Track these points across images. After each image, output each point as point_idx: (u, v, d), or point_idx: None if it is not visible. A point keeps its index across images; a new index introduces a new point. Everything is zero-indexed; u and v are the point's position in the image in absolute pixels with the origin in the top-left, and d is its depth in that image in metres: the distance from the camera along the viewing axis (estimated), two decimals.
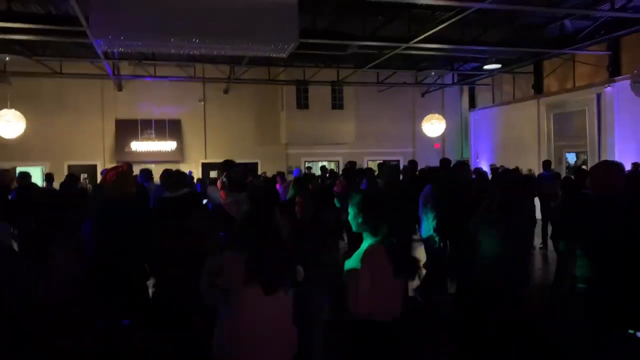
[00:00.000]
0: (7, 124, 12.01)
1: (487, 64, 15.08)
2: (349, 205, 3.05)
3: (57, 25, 9.73)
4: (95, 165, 15.64)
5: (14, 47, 12.04)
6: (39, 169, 14.75)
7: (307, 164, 17.24)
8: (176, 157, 16.25)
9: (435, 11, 10.19)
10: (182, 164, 15.73)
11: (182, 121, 16.71)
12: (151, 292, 4.35)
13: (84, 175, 14.72)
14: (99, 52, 10.88)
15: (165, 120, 16.28)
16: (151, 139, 16.08)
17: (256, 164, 16.93)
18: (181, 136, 16.61)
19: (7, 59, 12.32)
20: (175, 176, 6.66)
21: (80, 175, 12.79)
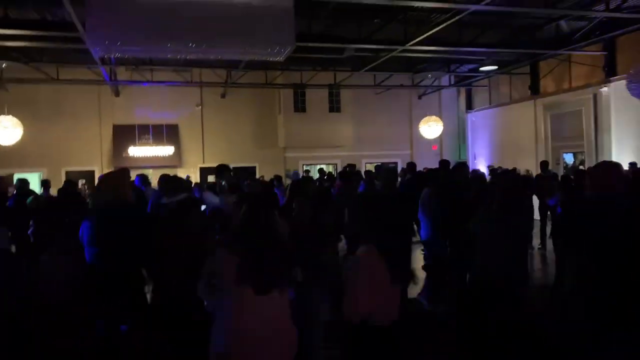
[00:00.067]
0: (4, 130, 11.97)
1: (483, 66, 15.14)
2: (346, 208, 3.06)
3: (53, 31, 9.73)
4: (93, 171, 15.61)
5: (10, 54, 12.03)
6: (37, 175, 14.71)
7: (305, 167, 17.25)
8: (174, 162, 16.24)
9: (431, 13, 10.23)
10: (179, 169, 15.73)
11: (180, 126, 16.71)
12: (149, 296, 4.35)
13: (82, 181, 14.72)
14: (96, 58, 10.88)
15: (162, 125, 16.29)
16: (149, 144, 16.07)
17: (254, 167, 16.94)
18: (179, 141, 16.60)
19: (3, 65, 12.30)
20: (172, 181, 6.67)
21: (78, 181, 12.79)
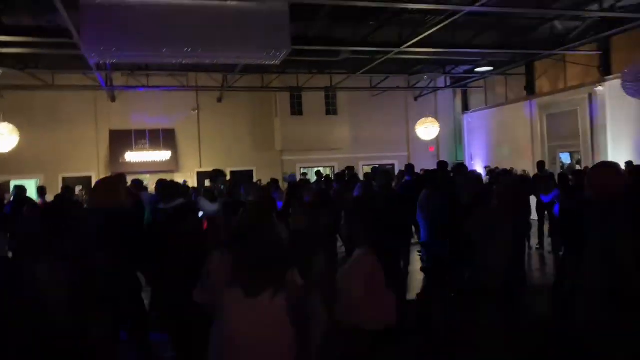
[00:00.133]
0: (1, 137, 11.95)
1: (479, 67, 15.18)
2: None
3: (48, 37, 9.72)
4: (90, 177, 15.55)
5: (5, 61, 12.01)
6: (34, 182, 14.67)
7: (302, 170, 17.24)
8: (171, 166, 16.20)
9: (426, 15, 10.25)
10: (176, 174, 15.70)
11: (176, 130, 16.68)
12: (147, 301, 4.34)
13: (79, 187, 14.67)
14: (91, 64, 10.87)
15: (159, 130, 16.24)
16: (145, 149, 16.03)
17: (251, 171, 16.93)
18: (175, 146, 16.58)
19: None
20: (170, 187, 6.66)
21: (75, 187, 12.74)
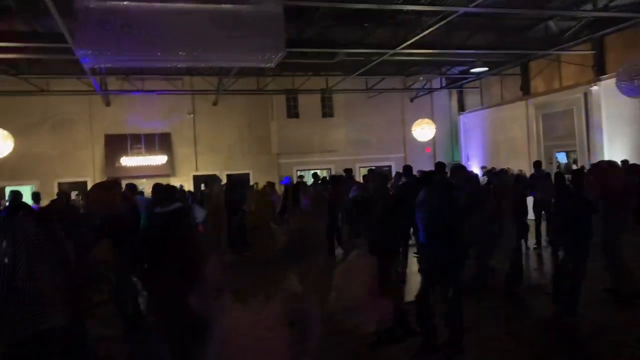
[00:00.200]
0: None
1: (474, 67, 15.19)
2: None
3: (42, 42, 9.68)
4: (85, 181, 15.48)
5: None
6: (29, 187, 14.58)
7: (299, 173, 17.22)
8: (167, 170, 16.15)
9: (421, 16, 10.26)
10: (172, 178, 15.63)
11: (172, 134, 16.64)
12: (143, 304, 4.32)
13: (75, 192, 14.60)
14: (86, 68, 10.83)
15: (154, 134, 16.20)
16: (141, 154, 15.98)
17: (248, 174, 16.89)
18: (171, 150, 16.53)
19: None
20: (165, 191, 6.63)
21: (71, 192, 12.69)
